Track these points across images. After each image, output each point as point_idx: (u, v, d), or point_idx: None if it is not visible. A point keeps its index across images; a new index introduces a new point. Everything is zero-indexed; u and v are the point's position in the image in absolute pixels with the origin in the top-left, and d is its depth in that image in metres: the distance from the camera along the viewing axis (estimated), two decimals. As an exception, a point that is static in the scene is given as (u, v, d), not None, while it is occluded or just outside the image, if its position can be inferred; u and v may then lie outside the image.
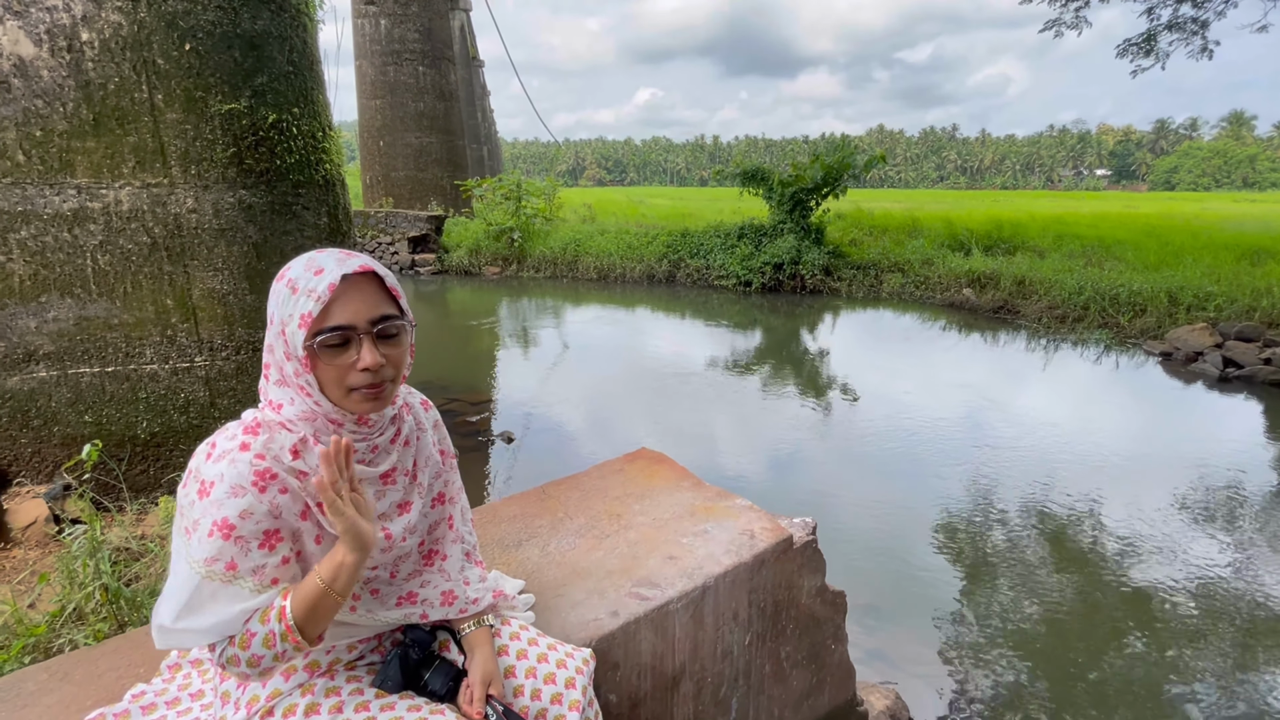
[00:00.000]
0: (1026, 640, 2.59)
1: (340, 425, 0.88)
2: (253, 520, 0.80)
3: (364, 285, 0.85)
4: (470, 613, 1.00)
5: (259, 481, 0.80)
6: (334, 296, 0.82)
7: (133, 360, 2.98)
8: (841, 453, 4.52)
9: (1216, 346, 6.50)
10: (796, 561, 1.36)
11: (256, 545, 0.80)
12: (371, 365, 0.83)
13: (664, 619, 1.15)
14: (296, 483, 0.84)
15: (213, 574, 0.78)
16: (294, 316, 0.83)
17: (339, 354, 0.83)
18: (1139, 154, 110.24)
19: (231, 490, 0.79)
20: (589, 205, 16.97)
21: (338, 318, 0.82)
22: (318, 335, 0.82)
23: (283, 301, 0.85)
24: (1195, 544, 3.31)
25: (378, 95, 13.99)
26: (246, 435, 0.83)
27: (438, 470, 1.03)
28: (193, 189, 2.93)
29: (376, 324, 0.84)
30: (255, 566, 0.80)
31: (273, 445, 0.83)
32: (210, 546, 0.78)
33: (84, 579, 1.98)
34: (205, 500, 0.79)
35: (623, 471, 1.62)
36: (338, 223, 3.58)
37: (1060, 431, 4.86)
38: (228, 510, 0.78)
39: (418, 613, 0.95)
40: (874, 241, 12.03)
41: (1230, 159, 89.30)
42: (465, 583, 1.01)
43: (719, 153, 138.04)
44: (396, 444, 0.95)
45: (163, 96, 2.82)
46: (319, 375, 0.84)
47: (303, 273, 0.85)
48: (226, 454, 0.81)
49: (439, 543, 1.03)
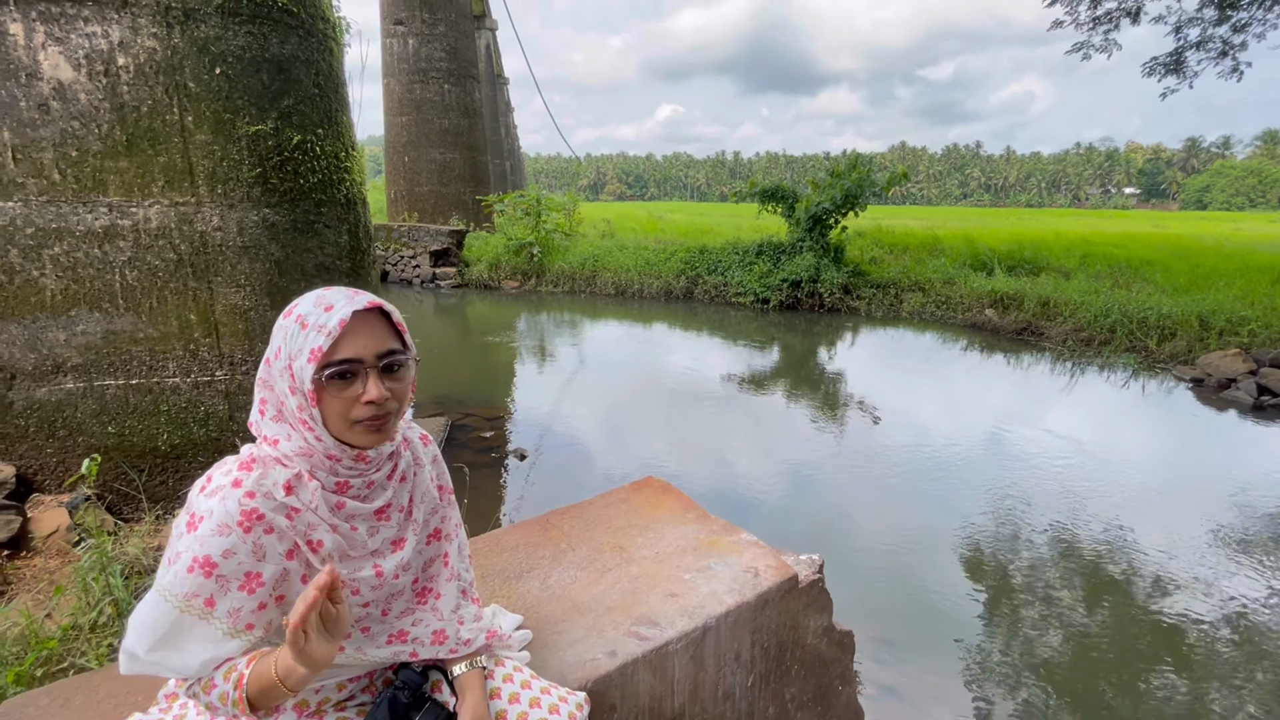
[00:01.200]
0: (1050, 675, 2.50)
1: (338, 460, 0.88)
2: (235, 560, 0.80)
3: (371, 321, 0.87)
4: (462, 653, 0.99)
5: (245, 521, 0.81)
6: (343, 332, 0.84)
7: (156, 373, 3.04)
8: (858, 475, 4.45)
9: (1250, 373, 6.30)
10: (802, 601, 1.33)
11: (236, 586, 0.81)
12: (377, 398, 0.84)
13: (663, 660, 1.12)
14: (285, 522, 0.84)
15: (190, 609, 0.79)
16: (303, 351, 0.84)
17: (345, 387, 0.84)
18: (1169, 172, 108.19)
19: (218, 528, 0.80)
20: (608, 221, 17.09)
21: (346, 351, 0.84)
22: (326, 368, 0.83)
23: (291, 336, 0.86)
24: (1230, 578, 3.19)
25: (404, 112, 14.31)
26: (241, 471, 0.84)
27: (434, 506, 1.03)
28: (219, 207, 3.00)
29: (383, 358, 0.86)
30: (232, 608, 0.81)
31: (265, 482, 0.84)
32: (190, 582, 0.79)
33: (96, 593, 2.01)
34: (191, 535, 0.80)
35: (627, 501, 1.60)
36: (358, 240, 3.65)
37: (1087, 458, 4.73)
38: (211, 548, 0.79)
39: (407, 651, 0.95)
40: (894, 260, 11.93)
41: (1265, 178, 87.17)
42: (459, 622, 1.01)
43: (739, 168, 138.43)
44: (393, 480, 0.95)
45: (193, 118, 2.91)
46: (323, 409, 0.85)
47: (312, 309, 0.86)
48: (219, 490, 0.82)
49: (433, 580, 1.02)
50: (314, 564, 0.87)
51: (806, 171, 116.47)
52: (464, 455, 4.46)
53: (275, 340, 0.88)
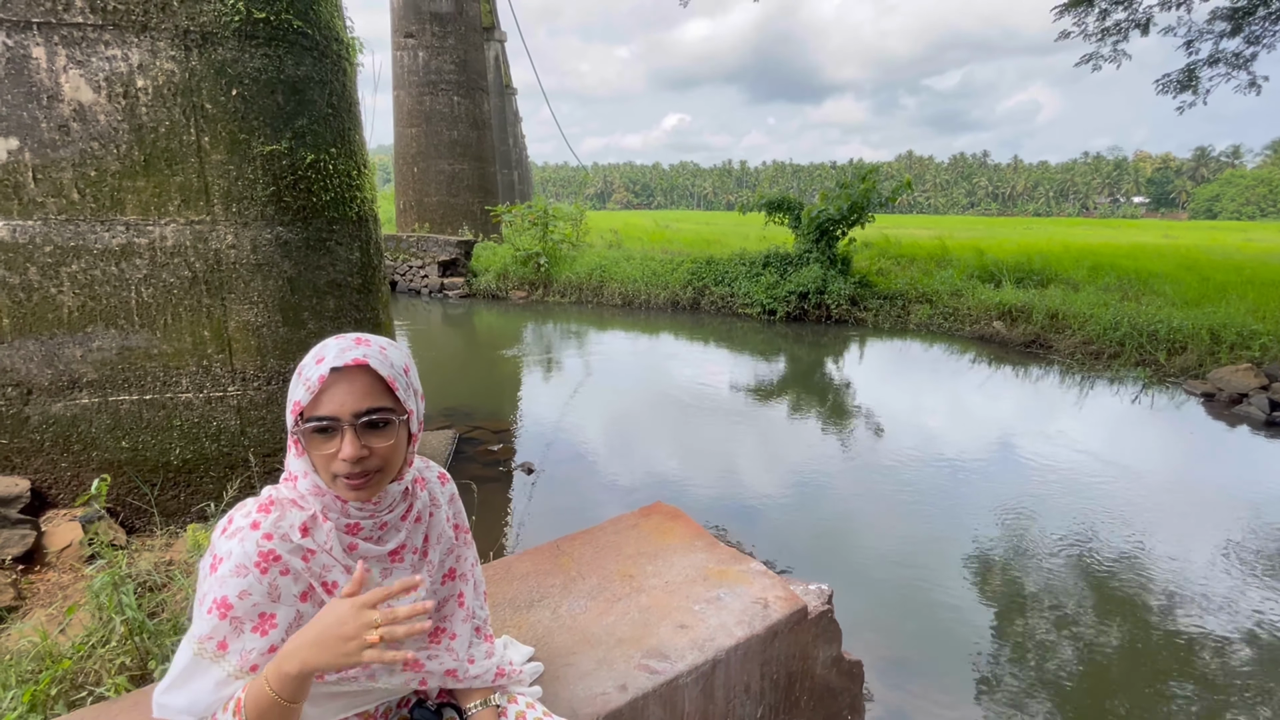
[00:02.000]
0: (1063, 694, 2.48)
1: (345, 502, 0.90)
2: (249, 601, 0.82)
3: (356, 377, 0.86)
4: (472, 686, 1.00)
5: (262, 562, 0.82)
6: (325, 386, 0.85)
7: (169, 389, 3.08)
8: (866, 489, 4.43)
9: (1263, 388, 6.24)
10: (811, 632, 1.33)
11: (250, 627, 0.82)
12: (349, 456, 0.84)
13: (673, 693, 1.13)
14: (301, 564, 0.86)
15: (204, 651, 0.81)
16: (289, 402, 0.88)
17: (324, 443, 0.86)
18: (1178, 181, 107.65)
19: (235, 569, 0.81)
20: (615, 231, 17.17)
21: (324, 408, 0.85)
22: (308, 422, 0.85)
23: (292, 386, 0.90)
24: (1241, 596, 3.15)
25: (414, 123, 14.45)
26: (259, 513, 0.86)
27: (450, 546, 1.04)
28: (233, 226, 3.04)
29: (361, 416, 0.86)
30: (244, 650, 0.82)
31: (282, 524, 0.85)
32: (208, 624, 0.81)
33: (108, 611, 2.03)
34: (213, 576, 0.82)
35: (637, 527, 1.61)
36: (369, 257, 3.69)
37: (1097, 474, 4.70)
38: (228, 589, 0.81)
39: (418, 680, 0.96)
40: (902, 271, 11.91)
41: (1276, 187, 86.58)
42: (470, 660, 1.02)
43: (746, 177, 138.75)
44: (407, 520, 0.97)
45: (209, 139, 2.96)
46: (311, 458, 0.88)
47: (309, 360, 0.88)
48: (239, 532, 0.84)
49: (447, 620, 1.03)
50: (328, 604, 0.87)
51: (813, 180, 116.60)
52: (471, 469, 4.47)
53: None
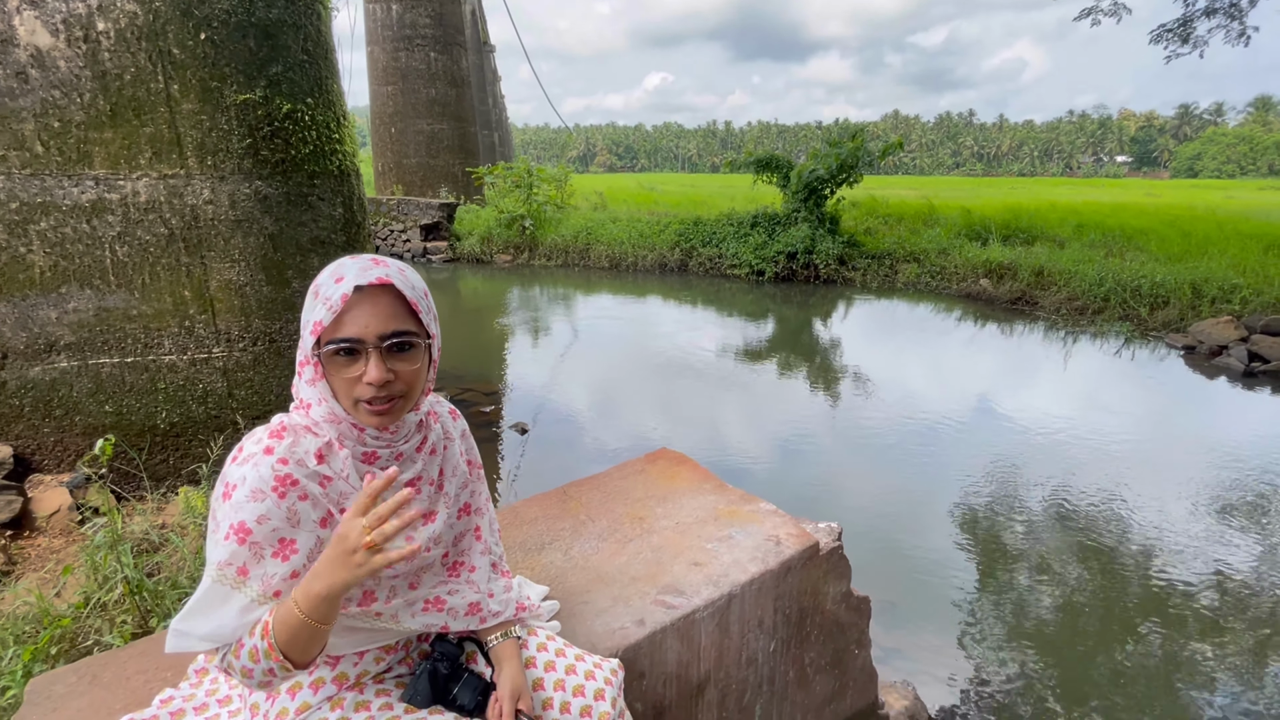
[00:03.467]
0: (1042, 634, 2.58)
1: (363, 430, 0.87)
2: (269, 526, 0.79)
3: (380, 298, 0.83)
4: (491, 624, 0.99)
5: (279, 487, 0.79)
6: (348, 306, 0.81)
7: (151, 351, 2.99)
8: (855, 445, 4.49)
9: (1242, 340, 6.37)
10: (822, 568, 1.34)
11: (270, 553, 0.79)
12: (375, 380, 0.81)
13: (690, 628, 1.13)
14: (319, 489, 0.83)
15: (224, 577, 0.78)
16: (309, 323, 0.83)
17: (346, 366, 0.82)
18: (1161, 140, 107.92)
19: (251, 494, 0.78)
20: (600, 193, 16.87)
21: (348, 329, 0.81)
22: (329, 344, 0.81)
23: (308, 306, 0.85)
24: (1216, 541, 3.26)
25: (389, 81, 13.94)
26: (271, 439, 0.82)
27: (464, 481, 1.02)
28: (209, 180, 2.92)
29: (387, 339, 0.83)
30: (266, 575, 0.79)
31: (296, 450, 0.82)
32: (225, 550, 0.78)
33: (106, 571, 2.00)
34: (227, 503, 0.79)
35: (644, 472, 1.60)
36: (353, 214, 3.57)
37: (1079, 426, 4.80)
38: (245, 514, 0.78)
39: (441, 621, 0.94)
40: (889, 231, 11.88)
41: (1256, 145, 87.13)
42: (490, 595, 1.00)
43: (731, 138, 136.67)
44: (422, 452, 0.94)
45: (178, 87, 2.81)
46: (331, 383, 0.84)
47: (327, 279, 0.84)
48: (251, 457, 0.81)
49: (465, 554, 1.01)
50: None
51: (799, 141, 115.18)
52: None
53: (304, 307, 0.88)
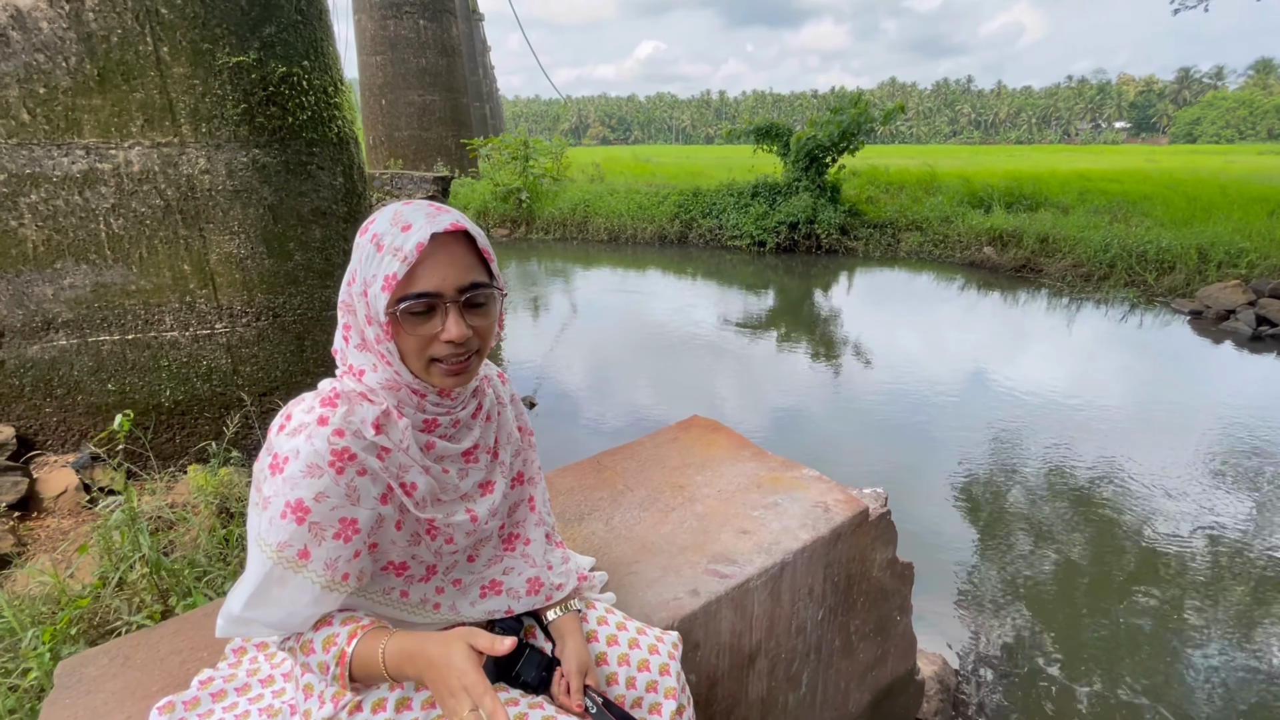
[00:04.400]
0: (1043, 595, 2.61)
1: (423, 396, 0.80)
2: (328, 504, 0.72)
3: (454, 247, 0.76)
4: (555, 599, 0.94)
5: (336, 461, 0.72)
6: (421, 258, 0.74)
7: (152, 328, 2.91)
8: (859, 413, 4.46)
9: (1249, 304, 6.33)
10: (870, 535, 1.30)
11: (331, 534, 0.73)
12: (457, 337, 0.75)
13: (744, 597, 1.09)
14: (377, 463, 0.76)
15: (284, 559, 0.72)
16: (378, 277, 0.74)
17: (422, 323, 0.75)
18: (1161, 105, 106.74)
19: (307, 469, 0.71)
20: (597, 164, 16.60)
21: (424, 283, 0.74)
22: (401, 301, 0.74)
23: (367, 259, 0.76)
24: (1219, 503, 3.26)
25: (378, 51, 13.56)
26: (325, 408, 0.75)
27: (518, 448, 0.96)
28: (204, 148, 2.81)
29: (465, 292, 0.76)
30: (329, 558, 0.73)
31: (353, 419, 0.75)
32: (283, 530, 0.71)
33: (124, 550, 1.96)
34: (278, 477, 0.72)
35: (678, 440, 1.55)
36: (354, 183, 3.46)
37: (1085, 391, 4.79)
38: (302, 491, 0.71)
39: (504, 607, 0.89)
40: (891, 199, 11.74)
41: (1256, 109, 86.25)
42: (549, 567, 0.95)
43: (725, 109, 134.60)
44: (479, 419, 0.88)
45: (168, 49, 2.68)
46: (399, 344, 0.76)
47: (389, 228, 0.75)
48: (303, 428, 0.73)
49: (520, 525, 0.96)
50: (409, 508, 0.79)
51: (795, 110, 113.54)
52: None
53: (353, 261, 0.79)
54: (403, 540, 0.80)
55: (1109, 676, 2.14)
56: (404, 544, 0.80)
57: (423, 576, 0.83)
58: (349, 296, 0.79)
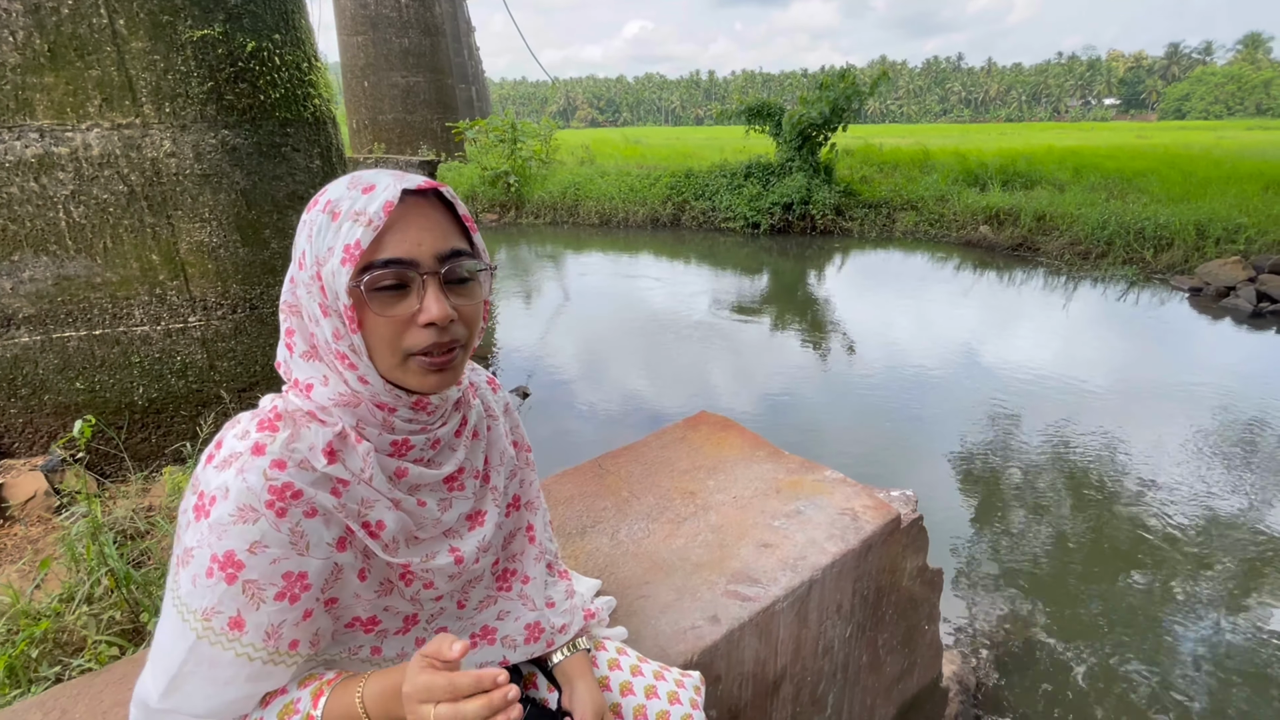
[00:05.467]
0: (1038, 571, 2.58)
1: (392, 411, 0.64)
2: (267, 557, 0.57)
3: (428, 209, 0.61)
4: (558, 643, 0.81)
5: (276, 501, 0.57)
6: (390, 221, 0.59)
7: (121, 322, 2.75)
8: (853, 394, 4.37)
9: (1250, 280, 6.26)
10: (902, 543, 1.19)
11: (272, 594, 0.58)
12: (439, 317, 0.59)
13: (769, 621, 0.98)
14: (331, 499, 0.61)
15: (210, 631, 0.57)
16: (335, 251, 0.58)
17: (394, 302, 0.60)
18: (1150, 81, 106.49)
19: (238, 512, 0.56)
20: (587, 147, 16.30)
21: (394, 249, 0.59)
22: (367, 272, 0.58)
23: (319, 232, 0.60)
24: (1210, 481, 3.22)
25: (359, 31, 13.15)
26: (262, 433, 0.60)
27: (513, 468, 0.81)
28: (169, 130, 2.63)
29: (446, 261, 0.61)
30: (269, 626, 0.58)
31: (298, 446, 0.60)
32: (209, 592, 0.56)
33: (89, 563, 1.83)
34: (203, 523, 0.57)
35: (686, 440, 1.43)
36: (332, 166, 3.28)
37: (1085, 370, 4.72)
38: (232, 541, 0.56)
39: (498, 657, 0.75)
40: (885, 179, 11.58)
41: (1245, 85, 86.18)
42: (549, 604, 0.82)
43: (715, 89, 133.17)
44: (463, 436, 0.72)
45: (124, 22, 2.49)
46: (367, 336, 0.60)
47: (346, 192, 0.60)
48: (235, 459, 0.58)
49: (516, 559, 0.82)
50: (375, 552, 0.64)
51: (785, 90, 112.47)
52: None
53: (299, 242, 0.62)
54: (369, 592, 0.65)
55: (1123, 659, 2.09)
56: (370, 596, 0.66)
57: (399, 629, 0.69)
58: (292, 293, 0.63)
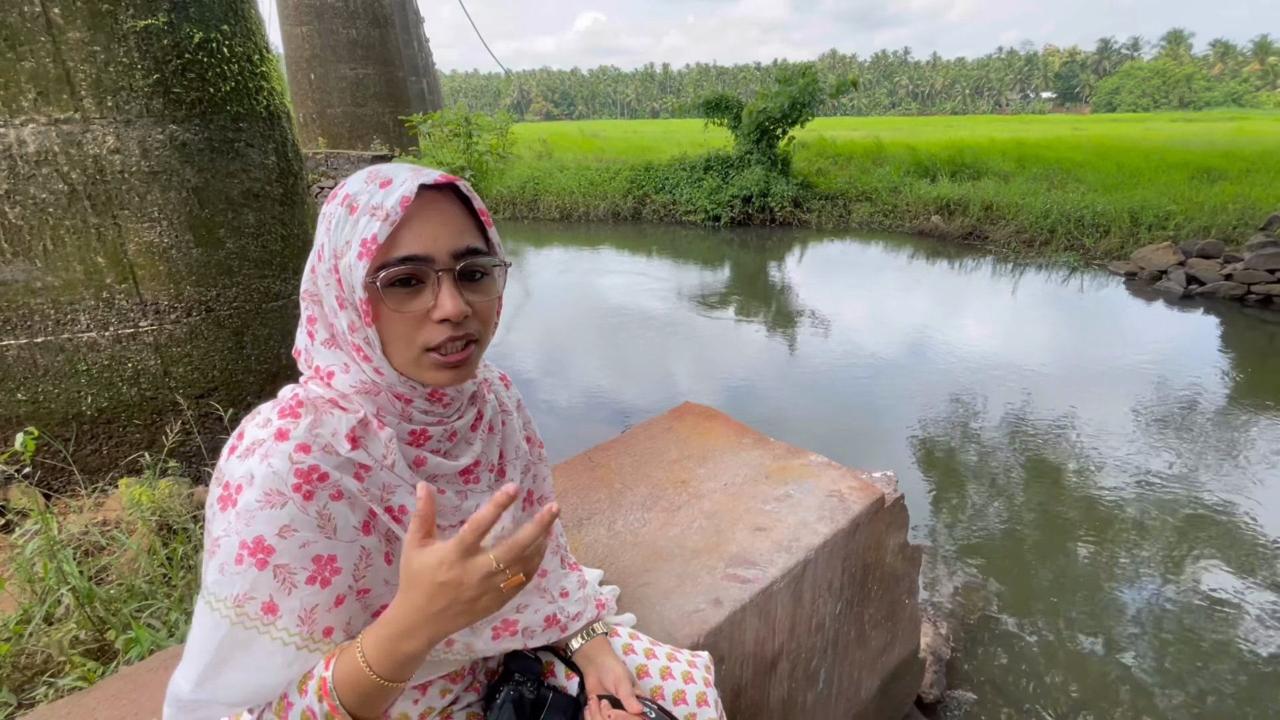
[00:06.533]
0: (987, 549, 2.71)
1: (409, 402, 0.65)
2: (296, 540, 0.58)
3: (445, 205, 0.62)
4: (572, 630, 0.82)
5: (303, 484, 0.58)
6: (406, 217, 0.59)
7: (65, 329, 2.61)
8: (814, 381, 4.50)
9: (1180, 264, 6.66)
10: (885, 521, 1.24)
11: (304, 578, 0.58)
12: (453, 314, 0.60)
13: (768, 601, 1.01)
14: (355, 483, 0.61)
15: (245, 617, 0.57)
16: (352, 244, 0.59)
17: (410, 298, 0.60)
18: (1083, 76, 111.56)
19: (266, 497, 0.57)
20: (544, 140, 16.12)
21: (410, 245, 0.59)
22: (382, 269, 0.59)
23: (337, 225, 0.61)
24: (1148, 452, 3.44)
25: (303, 21, 12.68)
26: (284, 420, 0.60)
27: (527, 464, 0.82)
28: (112, 125, 2.50)
29: (461, 258, 0.61)
30: (303, 610, 0.59)
31: (321, 431, 0.60)
32: (240, 579, 0.56)
33: (49, 582, 1.73)
34: (230, 512, 0.57)
35: (672, 430, 1.45)
36: (288, 162, 3.18)
37: (1033, 352, 4.97)
38: (261, 527, 0.56)
39: (518, 645, 0.77)
40: (840, 171, 11.84)
41: (1169, 79, 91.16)
42: (563, 594, 0.83)
43: (670, 82, 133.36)
44: (479, 430, 0.73)
45: (59, 10, 2.35)
46: (382, 330, 0.61)
47: (364, 186, 0.61)
48: (258, 445, 0.59)
49: None
50: (398, 535, 0.65)
51: (739, 83, 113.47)
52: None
53: (319, 235, 0.63)
54: (396, 577, 0.66)
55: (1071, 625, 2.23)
56: (397, 582, 0.66)
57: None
58: (313, 282, 0.64)
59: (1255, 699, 1.93)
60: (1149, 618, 2.28)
